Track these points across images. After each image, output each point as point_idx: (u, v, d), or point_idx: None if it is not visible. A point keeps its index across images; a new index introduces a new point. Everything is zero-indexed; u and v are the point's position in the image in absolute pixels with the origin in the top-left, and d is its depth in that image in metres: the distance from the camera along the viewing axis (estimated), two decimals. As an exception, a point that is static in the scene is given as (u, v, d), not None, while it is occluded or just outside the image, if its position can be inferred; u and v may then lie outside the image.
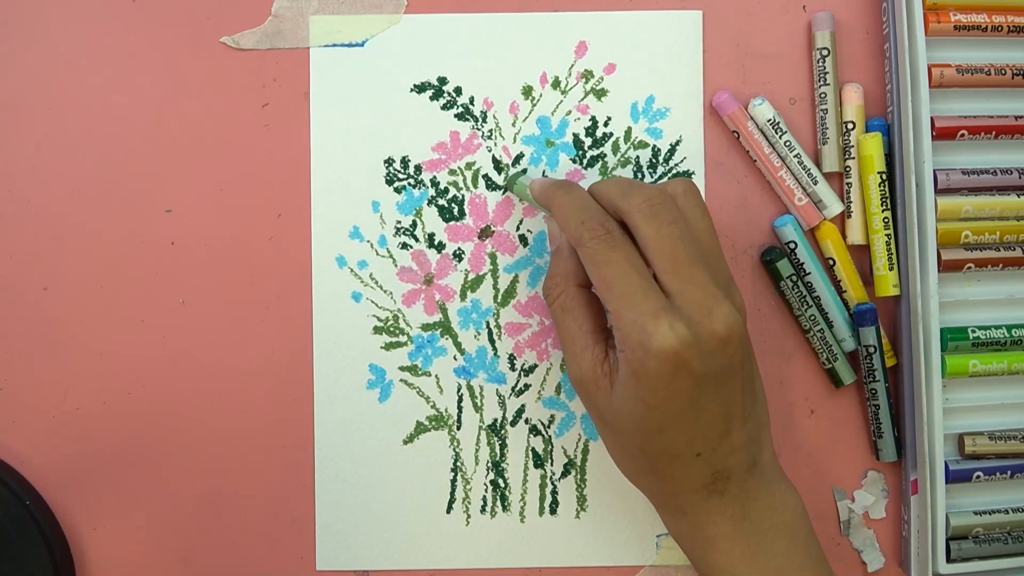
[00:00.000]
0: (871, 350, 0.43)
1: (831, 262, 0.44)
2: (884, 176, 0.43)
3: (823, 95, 0.43)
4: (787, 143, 0.43)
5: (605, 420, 0.37)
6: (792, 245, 0.43)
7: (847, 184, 0.44)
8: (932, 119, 0.41)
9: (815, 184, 0.43)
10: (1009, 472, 0.43)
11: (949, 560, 0.42)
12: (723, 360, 0.35)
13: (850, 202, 0.44)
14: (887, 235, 0.43)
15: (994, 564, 0.42)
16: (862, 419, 0.45)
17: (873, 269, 0.43)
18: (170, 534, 0.44)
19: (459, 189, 0.45)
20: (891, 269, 0.43)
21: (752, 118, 0.44)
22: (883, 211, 0.43)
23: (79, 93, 0.44)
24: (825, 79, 0.43)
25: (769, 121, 0.43)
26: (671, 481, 0.37)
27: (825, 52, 0.43)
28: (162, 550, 0.44)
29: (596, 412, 0.37)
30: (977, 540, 0.42)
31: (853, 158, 0.44)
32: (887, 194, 0.43)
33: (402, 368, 0.45)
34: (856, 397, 0.45)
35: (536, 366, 0.45)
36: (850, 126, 0.43)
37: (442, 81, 0.45)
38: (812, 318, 0.44)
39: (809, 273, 0.44)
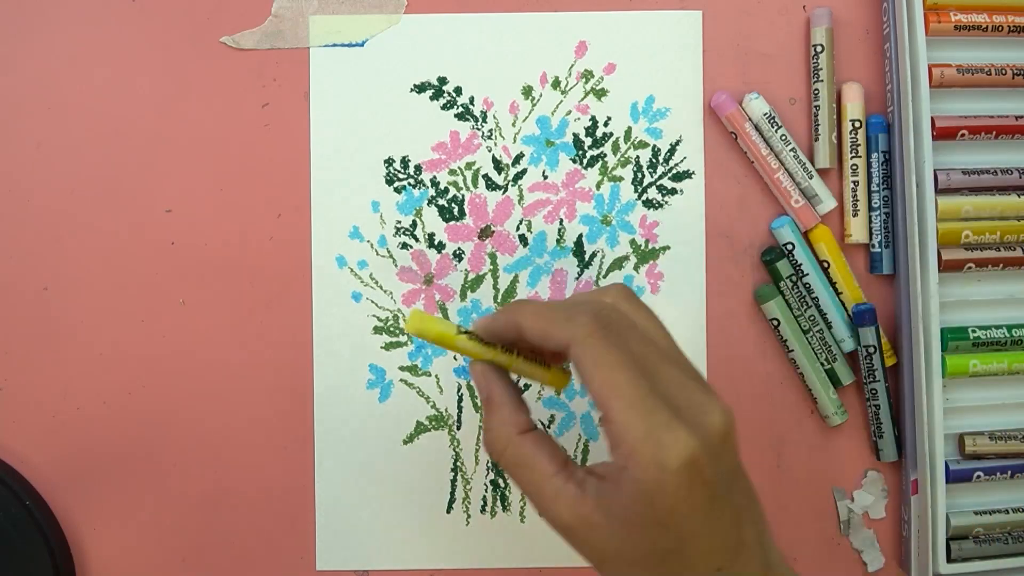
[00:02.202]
0: (871, 350, 0.42)
1: (826, 264, 0.43)
2: (884, 169, 0.42)
3: (816, 91, 0.43)
4: (783, 137, 0.42)
5: (605, 557, 0.32)
6: (790, 246, 0.42)
7: (853, 182, 0.43)
8: (932, 119, 0.41)
9: (810, 179, 0.43)
10: (1009, 472, 0.42)
11: (949, 560, 0.41)
12: (727, 460, 0.31)
13: (856, 200, 0.43)
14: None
15: (994, 564, 0.42)
16: (862, 419, 0.44)
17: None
18: (170, 534, 0.44)
19: (459, 189, 0.44)
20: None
21: (748, 114, 0.43)
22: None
23: (79, 93, 0.44)
24: (819, 75, 0.43)
25: (765, 115, 0.42)
26: None
27: (820, 48, 0.43)
28: (162, 550, 0.44)
29: (591, 553, 0.32)
30: (977, 540, 0.42)
31: (860, 156, 0.43)
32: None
33: (402, 368, 0.44)
34: (856, 397, 0.44)
35: None
36: (857, 124, 0.43)
37: (442, 81, 0.44)
38: (811, 318, 0.42)
39: (807, 274, 0.43)
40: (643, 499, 0.30)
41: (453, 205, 0.44)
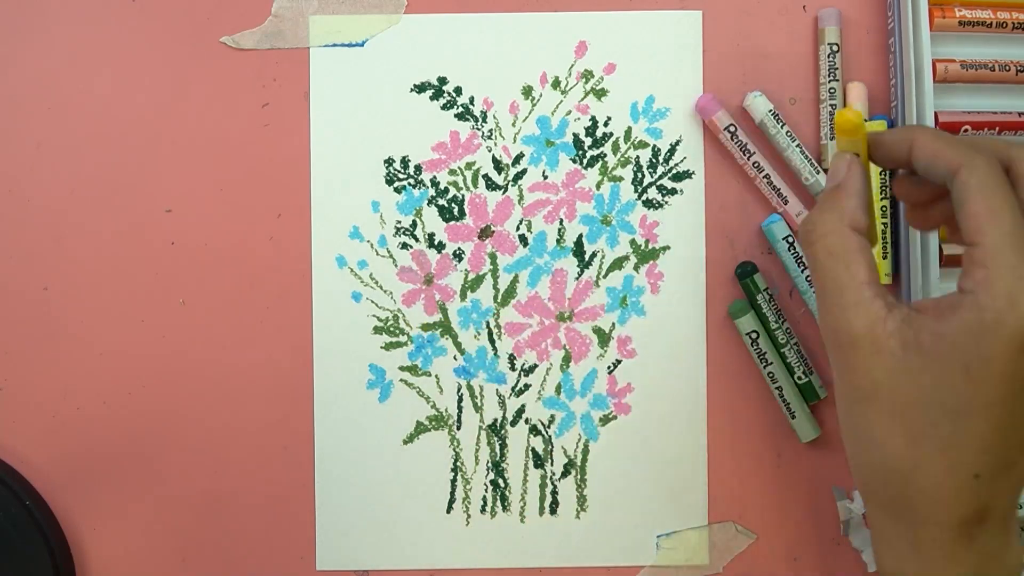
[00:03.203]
0: None
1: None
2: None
3: (832, 90, 0.42)
4: (788, 134, 0.42)
5: (871, 393, 0.29)
6: (790, 239, 0.42)
7: None
8: (936, 114, 0.40)
9: (817, 174, 0.42)
10: None
11: None
12: None
13: None
14: (883, 223, 0.41)
15: None
16: None
17: None
18: (170, 534, 0.43)
19: (459, 189, 0.43)
20: (884, 258, 0.41)
21: (750, 112, 0.42)
22: (881, 200, 0.41)
23: (79, 93, 0.43)
24: (835, 75, 0.42)
25: (770, 112, 0.42)
26: (923, 499, 0.28)
27: (835, 47, 0.42)
28: (162, 550, 0.43)
29: (858, 382, 0.29)
30: None
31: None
32: (887, 183, 0.41)
33: (402, 368, 0.43)
34: None
35: (536, 366, 0.43)
36: None
37: (442, 81, 0.43)
38: (788, 331, 0.42)
39: (795, 277, 0.42)
40: (974, 331, 0.27)
41: (453, 205, 0.43)
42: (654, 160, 0.43)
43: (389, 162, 0.43)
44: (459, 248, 0.43)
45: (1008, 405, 0.27)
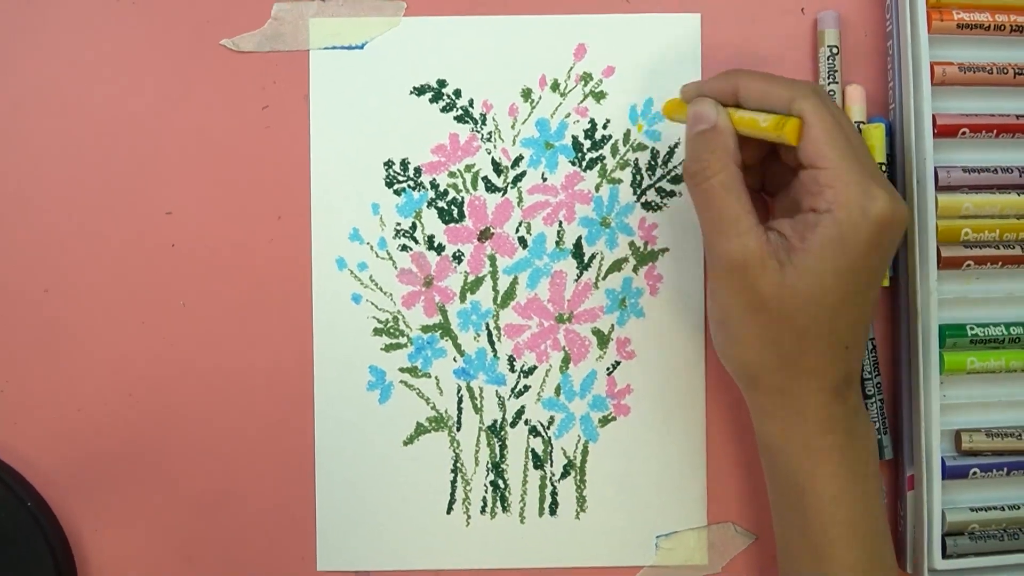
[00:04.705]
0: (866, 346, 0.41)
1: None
2: (884, 167, 0.41)
3: (831, 93, 0.41)
4: None
5: (762, 303, 0.33)
6: None
7: None
8: (934, 116, 0.40)
9: None
10: (1005, 469, 0.41)
11: (944, 556, 0.40)
12: (895, 245, 0.34)
13: None
14: None
15: (989, 561, 0.40)
16: None
17: None
18: (171, 535, 0.42)
19: (459, 191, 0.42)
20: None
21: None
22: None
23: (79, 96, 0.42)
24: (834, 77, 0.41)
25: None
26: (809, 376, 0.34)
27: (835, 50, 0.41)
28: (163, 551, 0.42)
29: (751, 296, 0.33)
30: (973, 536, 0.40)
31: None
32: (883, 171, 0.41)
33: (402, 370, 0.42)
34: None
35: (536, 367, 0.42)
36: (860, 126, 0.41)
37: (441, 84, 0.42)
38: None
39: None
40: (836, 242, 0.32)
41: (453, 207, 0.42)
42: (653, 162, 0.42)
43: (389, 164, 0.42)
44: (459, 250, 0.42)
45: (870, 289, 0.34)
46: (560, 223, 0.42)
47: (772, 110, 0.34)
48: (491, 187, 0.42)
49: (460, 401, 0.42)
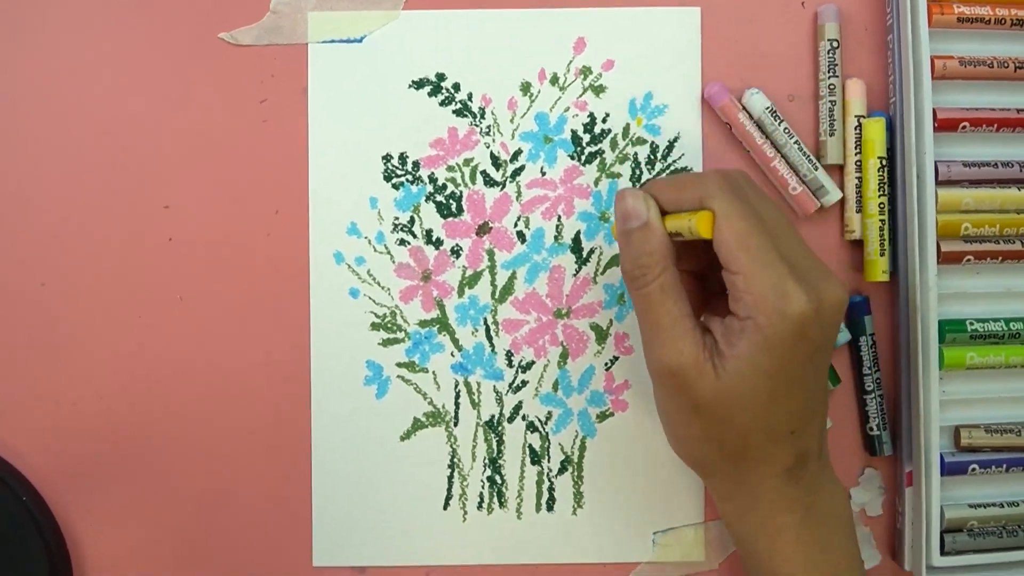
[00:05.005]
0: (865, 342, 0.41)
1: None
2: (884, 162, 0.40)
3: (832, 87, 0.41)
4: (786, 130, 0.41)
5: (700, 406, 0.33)
6: None
7: (858, 178, 0.41)
8: (934, 110, 0.39)
9: (816, 170, 0.41)
10: (1005, 466, 0.40)
11: (943, 553, 0.40)
12: (832, 331, 0.33)
13: (858, 196, 0.41)
14: (881, 220, 0.40)
15: (988, 558, 0.40)
16: (858, 415, 0.42)
17: (864, 254, 0.41)
18: (167, 531, 0.42)
19: (457, 185, 0.42)
20: (882, 255, 0.40)
21: (747, 109, 0.41)
22: (880, 197, 0.40)
23: (77, 89, 0.42)
24: (835, 71, 0.41)
25: (767, 109, 0.41)
26: (756, 465, 0.34)
27: (835, 43, 0.41)
28: (159, 547, 0.42)
29: (689, 400, 0.33)
30: (971, 533, 0.40)
31: (860, 152, 0.41)
32: (885, 180, 0.40)
33: (399, 364, 0.42)
34: (851, 393, 0.42)
35: (534, 363, 0.42)
36: (861, 120, 0.41)
37: (440, 77, 0.42)
38: None
39: None
40: (760, 347, 0.31)
41: (451, 201, 0.42)
42: (652, 156, 0.42)
43: (387, 158, 0.42)
44: (457, 244, 0.42)
45: (803, 380, 0.33)
46: (559, 217, 0.41)
47: (688, 209, 0.33)
48: (490, 181, 0.42)
49: (457, 396, 0.42)
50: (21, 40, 0.41)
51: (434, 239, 0.42)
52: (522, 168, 0.42)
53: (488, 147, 0.42)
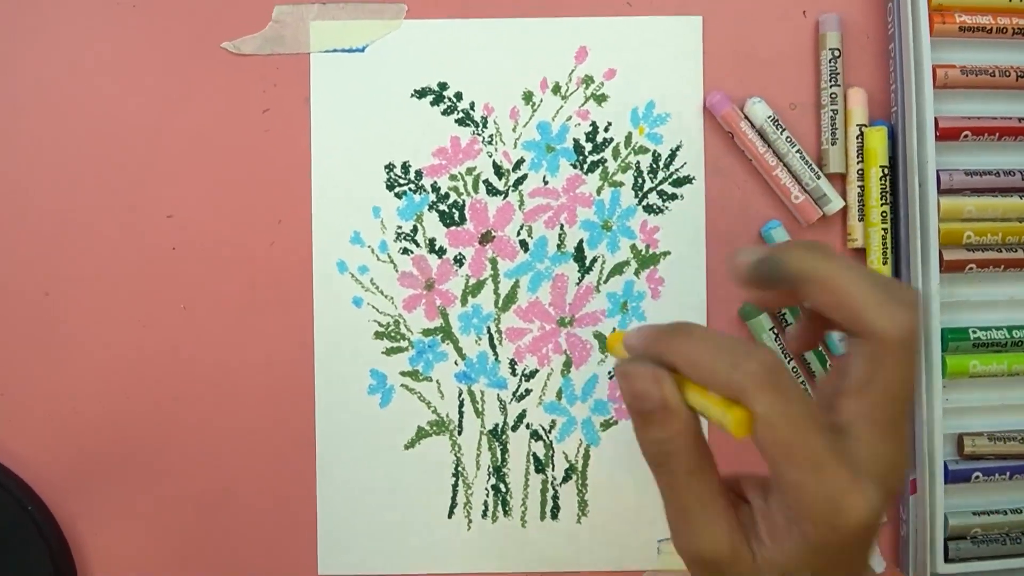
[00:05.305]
0: None
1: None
2: (886, 170, 0.40)
3: (833, 95, 0.41)
4: (788, 139, 0.41)
5: None
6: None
7: (860, 187, 0.41)
8: (936, 119, 0.39)
9: (818, 179, 0.41)
10: (1008, 473, 0.40)
11: (947, 560, 0.39)
12: (884, 513, 0.28)
13: (860, 205, 0.41)
14: (884, 229, 0.40)
15: (992, 565, 0.40)
16: None
17: (867, 263, 0.41)
18: (171, 539, 0.42)
19: (460, 194, 0.42)
20: (885, 264, 0.40)
21: (748, 118, 0.41)
22: (882, 205, 0.40)
23: (80, 98, 0.42)
24: (836, 80, 0.41)
25: (769, 118, 0.41)
26: None
27: (837, 52, 0.41)
28: (163, 554, 0.42)
29: None
30: (975, 541, 0.40)
31: (863, 161, 0.41)
32: (887, 189, 0.40)
33: (403, 373, 0.42)
34: None
35: (537, 371, 0.42)
36: (863, 129, 0.41)
37: (443, 86, 0.42)
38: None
39: None
40: (808, 553, 0.27)
41: (454, 210, 0.41)
42: (654, 165, 0.41)
43: (390, 167, 0.41)
44: (460, 253, 0.41)
45: (850, 565, 0.28)
46: (562, 226, 0.41)
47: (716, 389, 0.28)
48: (492, 190, 0.41)
49: (461, 405, 0.41)
50: (23, 52, 0.41)
51: (437, 248, 0.41)
52: (524, 177, 0.41)
53: (490, 156, 0.41)
